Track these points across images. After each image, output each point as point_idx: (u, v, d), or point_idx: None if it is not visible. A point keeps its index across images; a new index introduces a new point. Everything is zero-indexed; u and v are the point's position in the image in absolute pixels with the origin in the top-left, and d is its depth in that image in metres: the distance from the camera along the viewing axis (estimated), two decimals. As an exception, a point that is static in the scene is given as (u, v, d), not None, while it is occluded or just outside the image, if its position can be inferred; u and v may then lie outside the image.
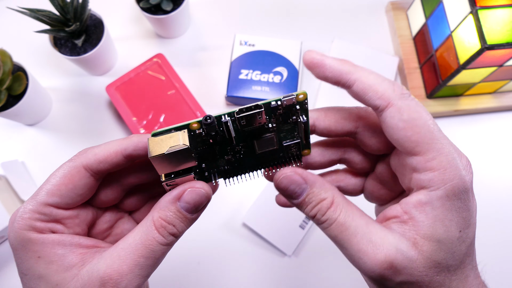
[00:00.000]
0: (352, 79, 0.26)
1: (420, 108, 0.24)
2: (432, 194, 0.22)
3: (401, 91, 0.24)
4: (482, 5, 0.47)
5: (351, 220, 0.23)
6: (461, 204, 0.22)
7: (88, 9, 0.52)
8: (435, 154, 0.22)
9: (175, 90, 0.56)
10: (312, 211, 0.24)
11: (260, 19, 0.66)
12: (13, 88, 0.52)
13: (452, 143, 0.23)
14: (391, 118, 0.23)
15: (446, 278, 0.23)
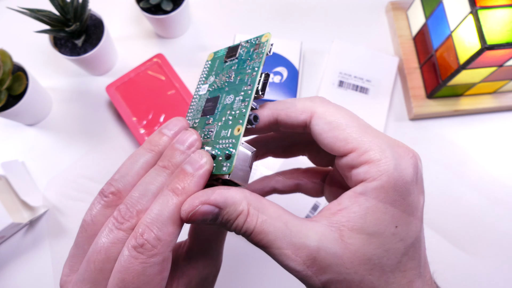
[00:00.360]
0: (275, 115, 0.24)
1: (342, 109, 0.23)
2: (368, 185, 0.21)
3: (319, 100, 0.24)
4: (482, 5, 0.47)
5: (268, 225, 0.21)
6: (398, 198, 0.21)
7: (88, 9, 0.52)
8: (367, 147, 0.21)
9: (175, 90, 0.56)
10: (232, 228, 0.22)
11: (260, 19, 0.66)
12: (13, 88, 0.52)
13: (387, 137, 0.22)
14: (317, 125, 0.23)
15: (382, 279, 0.21)
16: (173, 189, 0.21)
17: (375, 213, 0.20)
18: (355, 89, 0.58)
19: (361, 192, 0.21)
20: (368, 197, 0.21)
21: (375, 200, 0.21)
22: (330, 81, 0.58)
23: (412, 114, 0.59)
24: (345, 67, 0.59)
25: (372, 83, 0.58)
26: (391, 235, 0.21)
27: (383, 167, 0.21)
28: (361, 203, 0.21)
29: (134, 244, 0.20)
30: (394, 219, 0.20)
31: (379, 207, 0.20)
